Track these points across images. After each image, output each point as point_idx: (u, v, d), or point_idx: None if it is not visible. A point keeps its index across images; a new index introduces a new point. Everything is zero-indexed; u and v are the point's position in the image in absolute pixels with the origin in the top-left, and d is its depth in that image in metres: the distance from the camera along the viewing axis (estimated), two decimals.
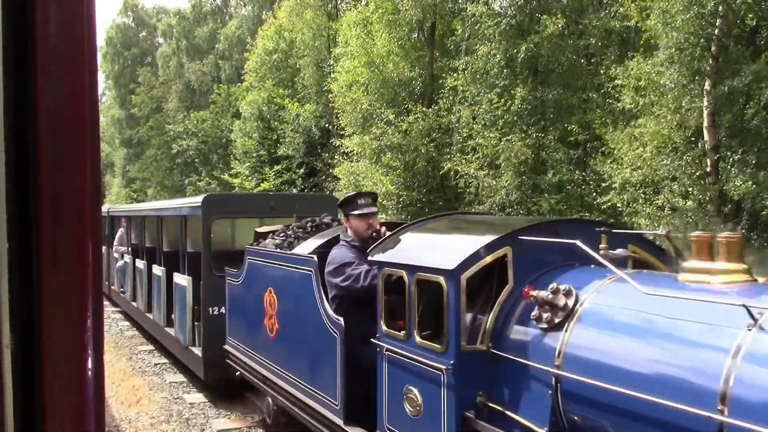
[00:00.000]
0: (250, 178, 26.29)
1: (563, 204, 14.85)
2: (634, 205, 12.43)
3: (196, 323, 8.36)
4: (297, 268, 5.46)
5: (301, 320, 5.41)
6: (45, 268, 1.03)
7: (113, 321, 14.34)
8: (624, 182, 12.54)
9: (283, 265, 5.76)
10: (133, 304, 12.73)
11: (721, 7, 11.14)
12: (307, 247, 5.80)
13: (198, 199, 8.50)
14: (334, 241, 5.41)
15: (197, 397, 8.47)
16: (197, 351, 8.26)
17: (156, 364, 10.35)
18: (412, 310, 3.96)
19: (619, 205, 12.90)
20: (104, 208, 16.48)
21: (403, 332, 4.04)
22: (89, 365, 1.09)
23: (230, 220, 9.67)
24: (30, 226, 1.03)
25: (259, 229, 7.14)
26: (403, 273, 4.06)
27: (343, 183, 19.36)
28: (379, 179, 17.81)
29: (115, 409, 8.00)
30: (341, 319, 4.73)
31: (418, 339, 3.92)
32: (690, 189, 11.76)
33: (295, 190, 23.56)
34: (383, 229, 5.05)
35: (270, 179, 24.39)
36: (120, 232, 14.36)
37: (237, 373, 6.93)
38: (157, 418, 7.65)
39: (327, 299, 4.97)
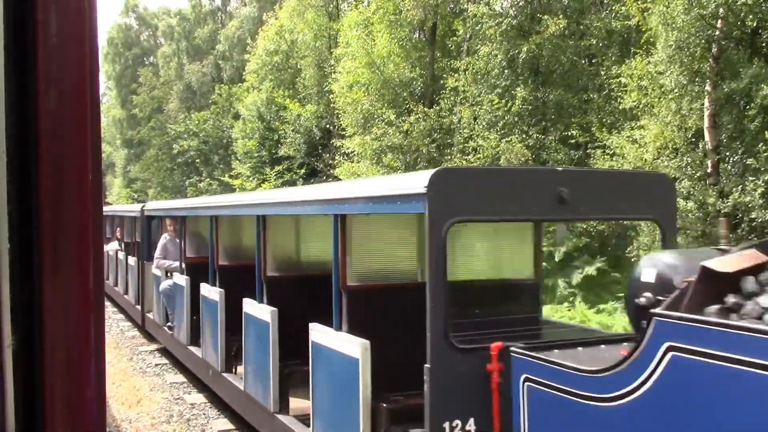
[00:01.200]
0: (250, 178, 26.34)
1: None
2: None
3: None
4: None
5: None
6: (46, 268, 1.03)
7: (114, 321, 14.35)
8: None
9: None
10: (193, 350, 8.61)
11: (721, 9, 11.14)
12: None
13: (413, 181, 3.91)
14: None
15: (198, 397, 8.47)
16: None
17: (156, 365, 10.36)
18: None
19: None
20: (137, 207, 13.76)
21: None
22: (90, 365, 1.09)
23: (476, 224, 5.04)
24: (31, 227, 1.03)
25: (722, 267, 2.73)
26: None
27: None
28: None
29: (116, 409, 7.99)
30: None
31: None
32: (691, 190, 11.75)
33: None
34: None
35: (271, 180, 24.44)
36: (164, 239, 9.97)
37: None
38: (158, 419, 7.66)
39: None
